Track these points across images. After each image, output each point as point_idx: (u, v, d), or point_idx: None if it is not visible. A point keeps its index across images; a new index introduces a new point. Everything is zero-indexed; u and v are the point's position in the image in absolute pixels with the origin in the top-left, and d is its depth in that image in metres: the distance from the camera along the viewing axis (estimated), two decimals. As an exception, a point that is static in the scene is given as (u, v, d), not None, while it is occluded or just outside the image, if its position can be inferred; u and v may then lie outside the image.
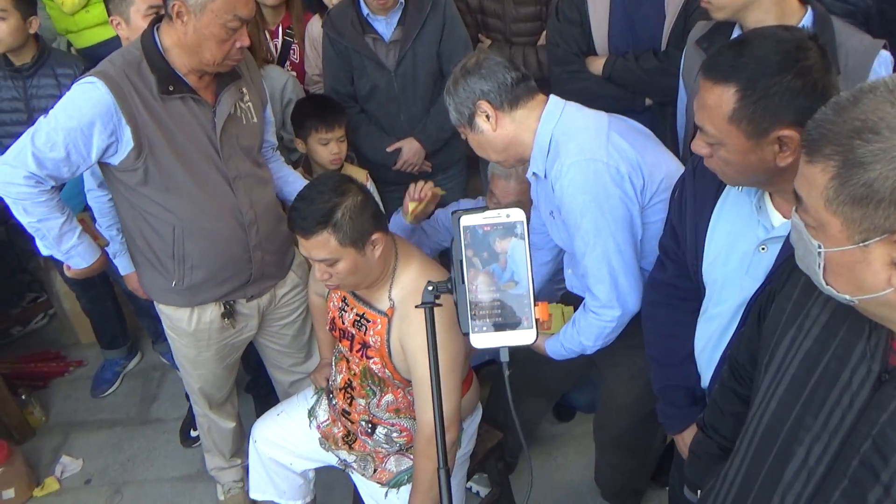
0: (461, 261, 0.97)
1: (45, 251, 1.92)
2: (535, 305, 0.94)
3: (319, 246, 1.63)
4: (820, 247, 0.85)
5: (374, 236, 1.68)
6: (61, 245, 1.89)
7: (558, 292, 2.44)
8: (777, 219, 1.34)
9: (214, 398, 2.37)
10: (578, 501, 2.57)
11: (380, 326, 1.78)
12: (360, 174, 2.59)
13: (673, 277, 1.58)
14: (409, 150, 2.63)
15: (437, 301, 1.10)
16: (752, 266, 1.37)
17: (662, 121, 2.35)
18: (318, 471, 2.25)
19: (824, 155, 0.82)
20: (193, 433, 2.90)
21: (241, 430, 2.56)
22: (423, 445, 1.73)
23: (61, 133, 1.72)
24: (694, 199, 1.47)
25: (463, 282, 0.96)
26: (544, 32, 2.74)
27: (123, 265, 2.29)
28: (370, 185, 2.60)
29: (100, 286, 2.98)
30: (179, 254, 1.94)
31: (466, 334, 0.97)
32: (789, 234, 1.26)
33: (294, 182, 2.21)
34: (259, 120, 2.01)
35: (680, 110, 2.09)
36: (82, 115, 1.72)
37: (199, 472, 2.79)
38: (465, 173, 2.94)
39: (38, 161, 1.73)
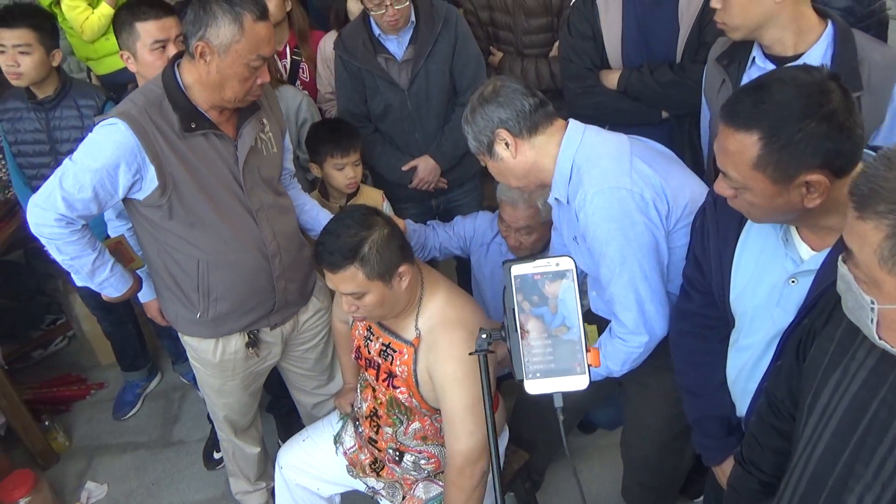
0: (513, 309, 0.98)
1: (79, 283, 1.95)
2: (587, 351, 0.96)
3: (347, 280, 1.63)
4: (873, 302, 0.84)
5: (401, 269, 1.67)
6: (94, 279, 1.92)
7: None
8: (805, 251, 1.33)
9: (239, 424, 2.38)
10: (606, 515, 2.56)
11: (406, 356, 1.77)
12: (375, 195, 2.58)
13: (700, 307, 1.57)
14: (425, 168, 2.62)
15: (490, 349, 1.13)
16: (783, 299, 1.36)
17: (680, 133, 2.33)
18: (343, 495, 2.26)
19: (877, 212, 0.81)
20: (216, 455, 2.91)
21: (265, 455, 2.57)
22: (454, 476, 1.73)
23: (87, 175, 1.73)
24: (717, 231, 1.46)
25: (516, 329, 0.98)
26: (556, 43, 2.72)
27: (143, 293, 2.30)
28: (386, 206, 2.60)
29: (121, 310, 2.98)
30: (204, 287, 1.94)
31: (521, 381, 0.97)
32: (820, 268, 1.27)
33: (311, 210, 2.21)
34: (279, 149, 2.02)
35: (704, 127, 2.07)
36: (107, 156, 1.73)
37: (224, 495, 2.80)
38: (481, 186, 2.93)
39: (68, 203, 1.74)
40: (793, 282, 1.33)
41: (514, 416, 2.41)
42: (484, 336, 1.11)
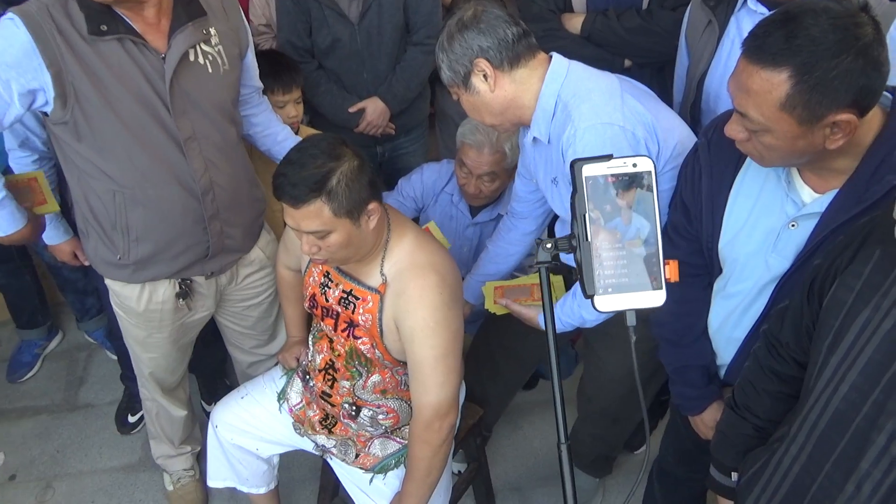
0: (584, 215, 0.87)
1: None
2: (665, 264, 0.87)
3: (311, 216, 1.46)
4: None
5: (371, 206, 1.52)
6: None
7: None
8: (807, 194, 1.29)
9: (166, 382, 2.16)
10: (550, 469, 2.55)
11: (371, 304, 1.63)
12: None
13: (685, 255, 1.51)
14: (374, 110, 2.45)
15: (554, 261, 1.01)
16: (781, 243, 1.32)
17: (641, 83, 2.29)
18: (283, 455, 2.10)
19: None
20: (132, 418, 2.67)
21: (192, 416, 2.36)
22: (421, 430, 1.62)
23: None
24: (710, 173, 1.40)
25: (587, 239, 0.87)
26: (514, -16, 2.60)
27: (51, 234, 2.01)
28: None
29: (17, 258, 2.65)
30: (122, 224, 1.69)
31: (592, 296, 0.88)
32: (826, 211, 1.23)
33: (285, 140, 1.98)
34: (233, 67, 1.75)
35: (679, 72, 2.01)
36: (11, 60, 1.46)
37: (142, 461, 2.57)
38: (428, 134, 2.79)
39: None
40: (793, 225, 1.30)
41: (467, 371, 2.33)
42: (549, 245, 0.99)
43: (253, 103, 1.96)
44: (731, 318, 1.46)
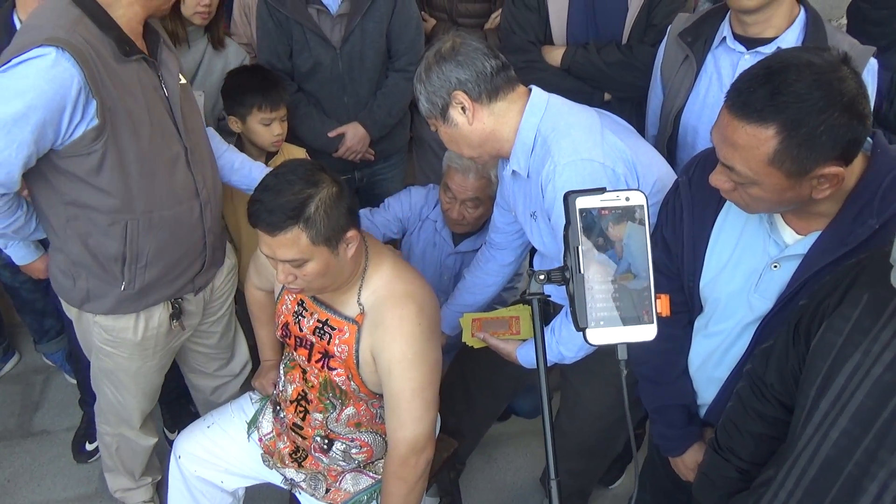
0: (577, 248, 0.87)
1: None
2: (657, 298, 0.87)
3: (288, 244, 1.42)
4: None
5: (349, 234, 1.48)
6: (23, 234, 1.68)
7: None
8: (790, 235, 1.30)
9: (147, 412, 2.08)
10: (525, 502, 2.51)
11: (347, 335, 1.59)
12: (299, 153, 2.35)
13: (665, 293, 1.51)
14: (353, 136, 2.42)
15: (545, 294, 1.02)
16: (763, 284, 1.32)
17: (620, 117, 2.30)
18: (249, 488, 2.03)
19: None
20: (89, 446, 2.56)
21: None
22: (397, 466, 1.57)
23: (23, 132, 1.39)
24: (691, 212, 1.40)
25: (580, 271, 0.86)
26: (493, 15, 2.62)
27: (22, 255, 1.92)
28: None
29: (-30, 279, 2.53)
30: (132, 253, 1.65)
31: (584, 329, 0.87)
32: (809, 252, 1.23)
33: (242, 167, 1.94)
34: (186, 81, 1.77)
35: (654, 107, 2.03)
36: (49, 100, 1.38)
37: (98, 491, 2.46)
38: (406, 161, 2.77)
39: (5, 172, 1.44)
40: (775, 266, 1.30)
41: (441, 402, 2.29)
42: (542, 277, 0.98)
43: None
44: (712, 358, 1.45)
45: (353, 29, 2.27)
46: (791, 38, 1.70)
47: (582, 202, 0.87)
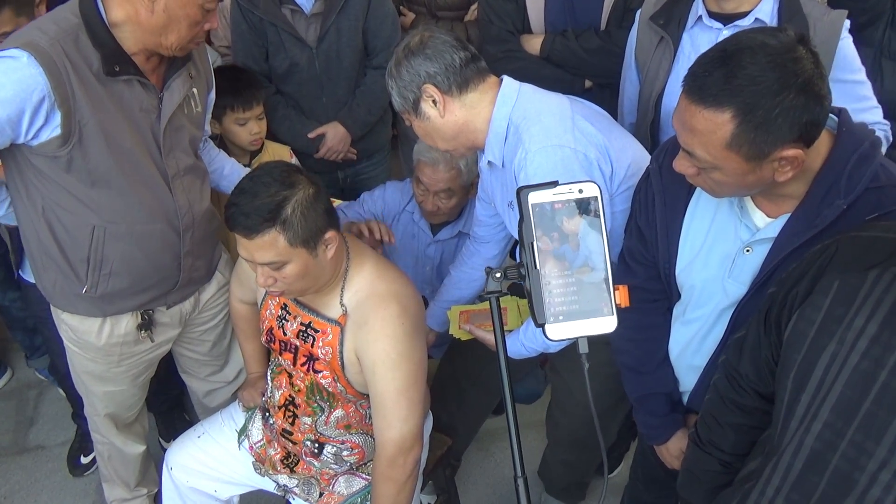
0: (532, 243, 0.85)
1: None
2: (615, 290, 0.86)
3: (266, 247, 1.40)
4: None
5: (328, 234, 1.46)
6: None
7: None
8: (760, 218, 1.28)
9: (122, 418, 2.05)
10: (522, 498, 2.49)
11: (331, 336, 1.57)
12: (282, 151, 2.33)
13: (643, 281, 1.49)
14: (334, 135, 2.39)
15: (503, 291, 0.99)
16: (736, 269, 1.31)
17: (602, 104, 2.26)
18: (243, 495, 2.01)
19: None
20: (84, 459, 2.54)
21: (147, 455, 2.25)
22: (385, 467, 1.55)
23: None
24: (663, 199, 1.38)
25: (536, 267, 0.86)
26: (472, 6, 2.60)
27: None
28: (294, 162, 2.35)
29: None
30: (97, 257, 1.63)
31: (542, 325, 0.86)
32: (779, 236, 1.22)
33: (232, 174, 1.93)
34: (203, 108, 1.75)
35: (629, 93, 2.00)
36: (7, 100, 1.38)
37: (95, 504, 2.45)
38: (390, 158, 2.75)
39: None
40: (747, 250, 1.29)
41: (433, 400, 2.28)
42: (498, 275, 0.98)
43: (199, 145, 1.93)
44: (690, 345, 1.44)
45: (328, 28, 2.24)
46: (766, 8, 1.69)
47: (535, 197, 0.86)
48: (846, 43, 1.66)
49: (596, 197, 0.86)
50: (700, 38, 1.81)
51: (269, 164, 1.50)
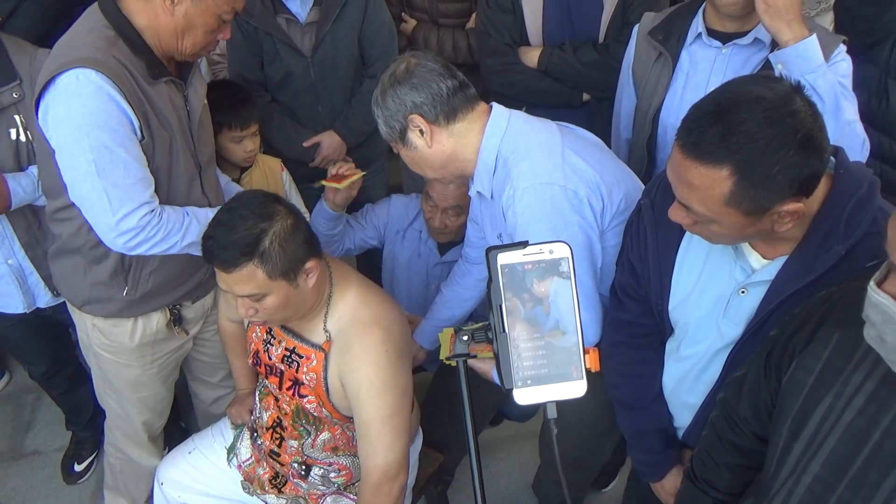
0: (500, 306, 0.83)
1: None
2: (585, 354, 0.84)
3: (244, 280, 1.38)
4: None
5: (308, 265, 1.45)
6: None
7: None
8: (756, 260, 1.25)
9: (155, 426, 2.06)
10: (517, 510, 2.49)
11: (315, 362, 1.56)
12: (273, 164, 2.31)
13: (635, 316, 1.46)
14: (329, 144, 2.37)
15: (471, 354, 0.98)
16: (731, 310, 1.28)
17: (599, 117, 2.24)
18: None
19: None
20: (78, 467, 2.55)
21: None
22: (370, 494, 1.54)
23: (103, 152, 1.45)
24: (655, 236, 1.35)
25: (504, 330, 0.83)
26: (474, 14, 2.56)
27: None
28: (285, 175, 2.34)
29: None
30: (140, 259, 1.66)
31: (509, 390, 0.84)
32: (775, 279, 1.18)
33: (226, 192, 1.92)
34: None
35: (626, 109, 1.96)
36: (103, 112, 1.44)
37: (90, 512, 2.46)
38: (388, 166, 2.72)
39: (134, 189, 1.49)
40: (742, 292, 1.25)
41: (425, 415, 2.26)
42: (465, 338, 0.96)
43: None
44: (684, 382, 1.41)
45: (323, 37, 2.21)
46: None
47: (504, 258, 0.83)
48: (844, 66, 1.61)
49: (567, 258, 0.84)
50: (699, 55, 1.78)
51: (246, 193, 1.48)
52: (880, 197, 1.16)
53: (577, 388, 0.83)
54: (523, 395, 0.83)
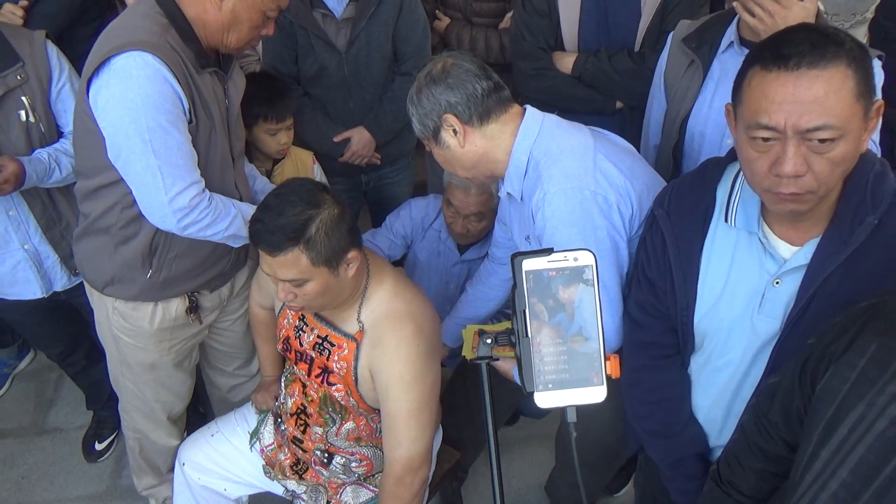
0: (524, 311, 0.85)
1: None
2: (606, 360, 0.86)
3: (288, 265, 1.41)
4: None
5: (350, 254, 1.47)
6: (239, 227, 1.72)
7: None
8: (785, 248, 1.24)
9: (175, 409, 2.09)
10: (531, 510, 2.50)
11: (346, 351, 1.59)
12: (305, 157, 2.34)
13: (657, 335, 1.44)
14: (359, 140, 2.40)
15: (494, 356, 0.99)
16: (767, 303, 1.27)
17: (630, 124, 2.25)
18: (252, 495, 2.04)
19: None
20: (98, 445, 2.60)
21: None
22: (392, 485, 1.57)
23: (160, 132, 1.49)
24: (675, 243, 1.34)
25: (527, 335, 0.85)
26: (508, 14, 2.58)
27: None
28: (317, 168, 2.37)
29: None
30: (168, 242, 1.71)
31: (531, 393, 0.86)
32: (812, 261, 1.19)
33: (262, 192, 1.95)
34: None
35: (655, 114, 1.96)
36: (159, 94, 1.48)
37: (109, 490, 2.50)
38: (414, 163, 2.75)
39: (183, 168, 1.54)
40: (777, 283, 1.25)
41: (443, 412, 2.29)
42: (489, 341, 0.98)
43: None
44: (726, 392, 1.38)
45: (358, 33, 2.24)
46: None
47: (529, 264, 0.85)
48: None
49: (591, 266, 0.85)
50: (730, 63, 1.78)
51: (295, 180, 1.51)
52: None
53: (597, 394, 0.86)
54: (544, 399, 0.86)
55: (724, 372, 1.37)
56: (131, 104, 1.46)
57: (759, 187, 1.16)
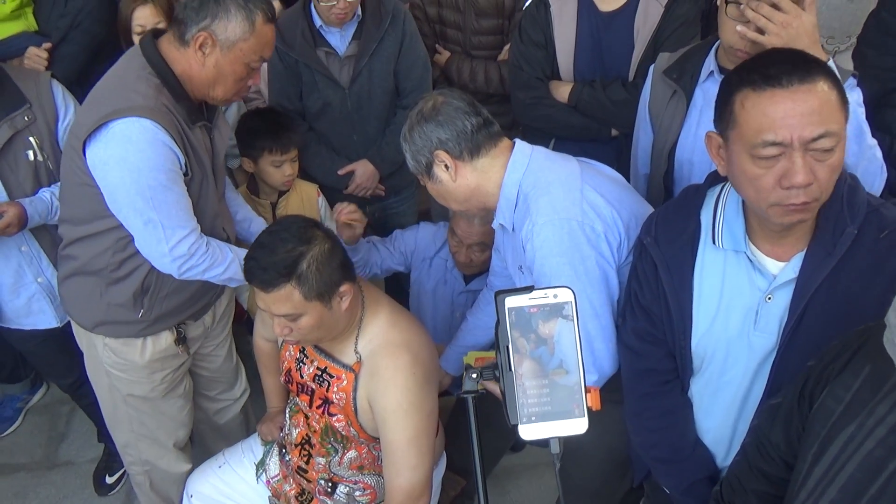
0: (507, 346, 0.89)
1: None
2: (586, 393, 0.89)
3: (282, 300, 1.45)
4: None
5: (342, 288, 1.51)
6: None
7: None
8: (772, 264, 1.28)
9: (180, 435, 2.11)
10: (536, 540, 2.49)
11: (345, 382, 1.61)
12: (310, 190, 2.39)
13: (656, 362, 1.46)
14: (363, 173, 2.45)
15: (480, 391, 1.03)
16: (762, 319, 1.29)
17: (627, 151, 2.28)
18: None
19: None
20: (109, 479, 2.61)
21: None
22: (394, 513, 1.58)
23: (160, 190, 1.58)
24: (667, 269, 1.36)
25: (510, 369, 0.88)
26: (506, 47, 2.64)
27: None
28: (321, 201, 2.42)
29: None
30: (158, 283, 1.76)
31: (515, 426, 0.89)
32: (800, 274, 1.22)
33: (244, 220, 2.02)
34: None
35: (643, 145, 1.98)
36: (158, 156, 1.56)
37: (119, 523, 2.52)
38: (418, 193, 2.79)
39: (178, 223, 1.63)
40: (769, 298, 1.28)
41: (448, 440, 2.29)
42: (475, 375, 1.02)
43: None
44: (730, 413, 1.39)
45: (360, 70, 2.31)
46: None
47: (511, 301, 0.89)
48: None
49: (570, 302, 0.89)
50: (711, 91, 1.78)
51: (287, 218, 1.55)
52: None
53: (578, 426, 0.88)
54: (528, 431, 0.89)
55: (727, 391, 1.38)
56: (132, 166, 1.54)
57: (765, 203, 1.18)
